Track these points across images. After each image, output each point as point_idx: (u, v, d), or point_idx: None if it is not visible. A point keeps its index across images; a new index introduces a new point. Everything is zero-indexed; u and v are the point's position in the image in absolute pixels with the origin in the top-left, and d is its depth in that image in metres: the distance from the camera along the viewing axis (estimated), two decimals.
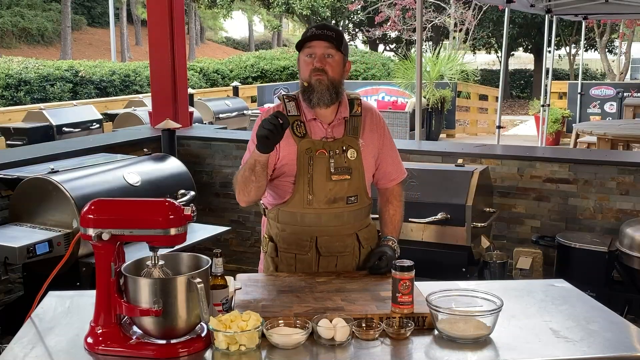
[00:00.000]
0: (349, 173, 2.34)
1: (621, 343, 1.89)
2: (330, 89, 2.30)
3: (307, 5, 22.19)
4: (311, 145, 2.32)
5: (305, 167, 2.31)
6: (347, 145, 2.35)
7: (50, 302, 2.15)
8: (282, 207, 2.39)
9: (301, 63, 2.34)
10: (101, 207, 1.81)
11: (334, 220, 2.37)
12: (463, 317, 1.89)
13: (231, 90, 11.56)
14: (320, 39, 2.28)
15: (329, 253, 2.39)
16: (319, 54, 2.28)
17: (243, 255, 5.23)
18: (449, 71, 12.62)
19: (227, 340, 1.75)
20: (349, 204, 2.37)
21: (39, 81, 12.31)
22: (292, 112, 2.35)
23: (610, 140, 7.59)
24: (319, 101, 2.30)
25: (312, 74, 2.29)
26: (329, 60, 2.29)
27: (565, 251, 3.91)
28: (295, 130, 2.33)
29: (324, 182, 2.32)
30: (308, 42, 2.30)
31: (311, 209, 2.34)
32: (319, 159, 2.32)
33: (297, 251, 2.39)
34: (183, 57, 5.46)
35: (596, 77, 22.42)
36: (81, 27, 31.06)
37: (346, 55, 2.36)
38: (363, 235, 2.45)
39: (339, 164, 2.33)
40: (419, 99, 6.41)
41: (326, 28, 2.31)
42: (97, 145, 4.69)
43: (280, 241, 2.42)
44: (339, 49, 2.30)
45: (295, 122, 2.34)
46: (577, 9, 9.17)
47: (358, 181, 2.37)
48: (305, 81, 2.31)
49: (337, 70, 2.31)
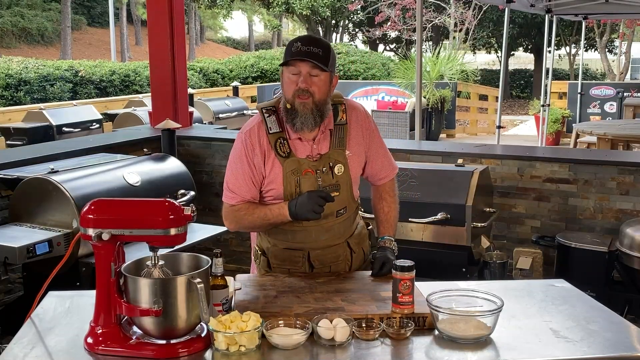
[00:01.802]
0: (337, 189, 2.28)
1: (621, 343, 1.89)
2: (315, 113, 2.17)
3: (307, 5, 22.19)
4: (296, 165, 2.24)
5: (293, 188, 2.24)
6: (334, 160, 2.27)
7: (50, 302, 2.15)
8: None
9: (285, 80, 2.20)
10: (101, 207, 1.81)
11: (324, 234, 2.34)
12: (463, 317, 1.89)
13: (231, 90, 11.55)
14: (306, 58, 2.13)
15: (322, 265, 2.37)
16: (304, 73, 2.15)
17: (243, 255, 5.22)
18: (449, 71, 12.62)
19: (227, 340, 1.75)
20: (338, 217, 2.33)
21: (39, 81, 12.30)
22: (274, 129, 2.24)
23: (610, 140, 7.59)
24: (302, 126, 2.18)
25: (296, 96, 2.15)
26: (315, 80, 2.16)
27: (565, 251, 3.91)
28: (278, 149, 2.24)
29: None
30: (292, 60, 2.15)
31: (301, 227, 2.30)
32: (306, 179, 2.24)
33: (291, 266, 2.36)
34: (183, 57, 5.46)
35: (596, 77, 22.42)
36: (81, 27, 31.06)
37: (333, 71, 2.23)
38: (353, 241, 2.43)
39: (327, 182, 2.26)
40: (419, 99, 6.41)
41: (312, 44, 2.15)
42: (97, 145, 4.69)
43: (272, 257, 2.39)
44: (325, 67, 2.16)
45: (278, 139, 2.24)
46: (577, 9, 9.16)
47: (346, 194, 2.32)
48: (288, 102, 2.18)
49: (323, 90, 2.18)
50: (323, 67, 2.15)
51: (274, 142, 2.24)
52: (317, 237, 2.33)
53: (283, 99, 2.23)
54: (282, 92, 2.23)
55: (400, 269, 1.95)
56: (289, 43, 2.21)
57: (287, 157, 2.24)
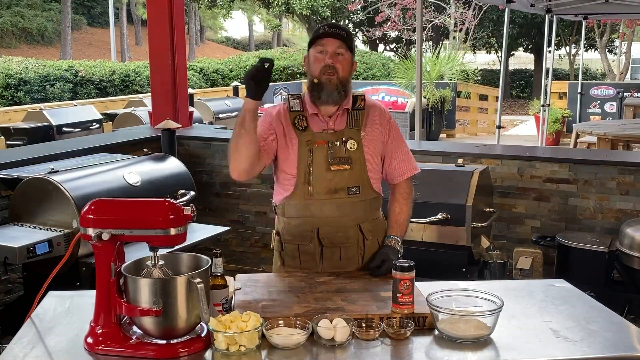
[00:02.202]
0: (349, 163, 2.38)
1: (621, 343, 1.89)
2: (339, 88, 2.36)
3: (307, 5, 22.19)
4: (311, 137, 2.40)
5: (305, 158, 2.38)
6: (347, 136, 2.40)
7: (50, 302, 2.15)
8: (287, 201, 2.44)
9: (312, 59, 2.39)
10: (101, 207, 1.81)
11: (335, 211, 2.40)
12: (463, 317, 1.89)
13: (231, 90, 11.55)
14: (332, 37, 2.34)
15: (331, 244, 2.42)
16: (330, 51, 2.34)
17: (243, 255, 5.23)
18: (449, 71, 12.62)
19: (227, 340, 1.75)
20: (350, 195, 2.40)
21: (39, 81, 12.30)
22: (295, 108, 2.43)
23: (610, 140, 7.59)
24: (327, 99, 2.37)
25: (322, 72, 2.34)
26: (340, 59, 2.35)
27: (565, 251, 3.91)
28: (296, 124, 2.41)
29: (323, 173, 2.38)
30: (320, 39, 2.36)
31: (312, 200, 2.39)
32: (318, 150, 2.38)
33: (300, 242, 2.43)
34: (183, 57, 5.46)
35: (596, 77, 22.42)
36: (81, 27, 31.07)
37: (354, 55, 2.44)
38: (366, 227, 2.46)
39: (338, 154, 2.38)
40: (419, 99, 6.41)
41: (338, 27, 2.39)
42: (97, 145, 4.69)
43: (285, 234, 2.47)
44: (349, 48, 2.38)
45: (297, 116, 2.42)
46: (577, 9, 9.16)
47: (359, 172, 2.40)
48: (315, 78, 2.37)
49: (346, 69, 2.38)
50: (347, 45, 2.36)
51: (293, 118, 2.43)
52: (328, 212, 2.39)
53: (310, 79, 2.40)
54: (309, 71, 2.41)
55: (400, 269, 1.96)
56: (316, 28, 2.44)
57: (303, 130, 2.41)
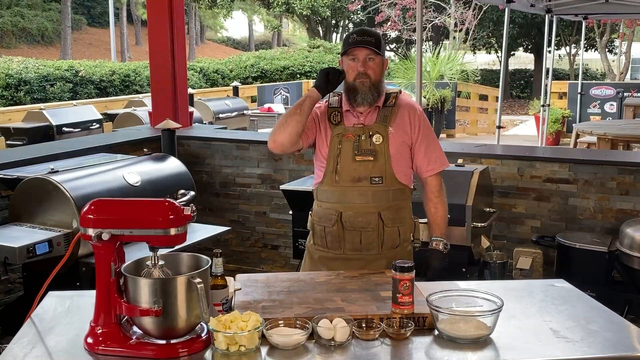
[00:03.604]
0: (373, 155, 2.57)
1: (621, 343, 1.89)
2: (372, 90, 2.58)
3: (307, 5, 22.20)
4: (342, 130, 2.62)
5: (335, 149, 2.60)
6: (374, 131, 2.60)
7: (50, 302, 2.15)
8: (320, 186, 2.67)
9: (345, 66, 2.61)
10: (101, 207, 1.81)
11: (358, 198, 2.59)
12: (463, 317, 1.89)
13: (231, 90, 11.54)
14: (361, 45, 2.54)
15: (352, 228, 2.59)
16: (362, 59, 2.55)
17: (243, 255, 5.23)
18: (449, 71, 12.62)
19: (227, 340, 1.75)
20: (372, 184, 2.58)
21: (39, 81, 12.30)
22: (333, 104, 2.68)
23: (610, 140, 7.59)
24: (362, 101, 2.58)
25: (356, 78, 2.56)
26: (370, 64, 2.56)
27: (565, 251, 3.91)
28: (332, 119, 2.65)
29: (349, 162, 2.58)
30: (351, 49, 2.56)
31: (338, 187, 2.60)
32: (347, 142, 2.59)
33: (326, 223, 2.64)
34: (183, 57, 5.46)
35: (596, 77, 22.40)
36: (81, 27, 31.08)
37: (384, 55, 2.62)
38: (387, 215, 2.60)
39: (364, 146, 2.58)
40: (419, 99, 6.41)
41: (366, 34, 2.58)
42: (97, 145, 4.69)
43: (314, 215, 2.72)
44: (379, 52, 2.55)
45: (333, 112, 2.66)
46: (577, 9, 9.16)
47: (383, 164, 2.58)
48: (350, 83, 2.58)
49: (378, 72, 2.59)
50: (377, 51, 2.55)
51: (330, 113, 2.67)
52: (351, 199, 2.59)
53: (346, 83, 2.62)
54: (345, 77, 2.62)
55: (400, 269, 1.96)
56: (346, 36, 2.64)
57: (337, 124, 2.64)
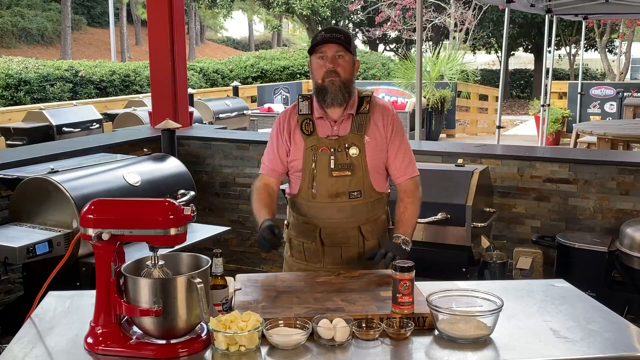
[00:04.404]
0: (350, 169, 2.46)
1: (621, 343, 1.89)
2: (343, 89, 2.44)
3: (307, 5, 22.18)
4: (316, 142, 2.48)
5: (310, 163, 2.48)
6: (350, 142, 2.47)
7: (50, 302, 2.15)
8: (294, 198, 2.58)
9: (314, 65, 2.48)
10: (101, 207, 1.81)
11: (336, 214, 2.49)
12: (463, 317, 1.89)
13: (231, 90, 11.55)
14: (330, 42, 2.42)
15: (332, 244, 2.52)
16: (330, 56, 2.43)
17: (243, 255, 5.23)
18: (449, 71, 12.61)
19: (227, 340, 1.75)
20: (351, 199, 2.49)
21: (39, 81, 12.30)
22: (304, 111, 2.54)
23: (610, 140, 7.59)
24: (332, 101, 2.45)
25: (325, 76, 2.43)
26: (340, 61, 2.43)
27: (565, 251, 3.91)
28: (303, 128, 2.51)
29: (326, 178, 2.47)
30: (319, 46, 2.43)
31: (315, 202, 2.50)
32: (322, 155, 2.47)
33: (304, 239, 2.56)
34: (183, 57, 5.46)
35: (596, 77, 22.40)
36: (81, 27, 31.06)
37: (355, 55, 2.50)
38: (367, 228, 2.54)
39: (340, 160, 2.46)
40: (419, 99, 6.41)
41: (335, 31, 2.46)
42: (97, 145, 4.69)
43: (291, 229, 2.63)
44: (349, 49, 2.44)
45: (305, 120, 2.52)
46: (577, 9, 9.16)
47: (361, 177, 2.48)
48: (319, 82, 2.46)
49: (348, 70, 2.45)
50: (347, 47, 2.43)
51: (301, 121, 2.53)
52: (329, 215, 2.50)
53: (314, 84, 2.50)
54: (313, 77, 2.51)
55: (400, 269, 1.95)
56: (315, 35, 2.52)
57: (309, 135, 2.50)
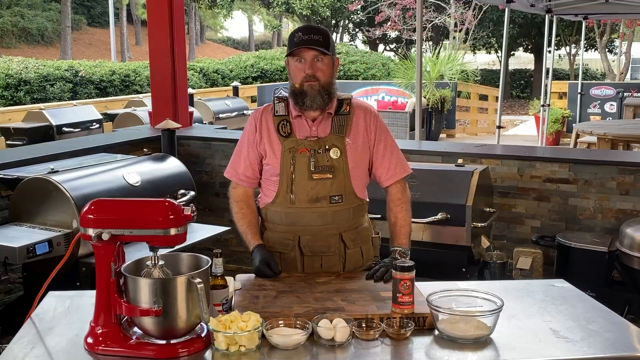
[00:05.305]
0: (331, 172, 2.34)
1: (621, 343, 1.89)
2: (322, 93, 2.32)
3: (307, 5, 22.20)
4: (294, 144, 2.36)
5: (288, 166, 2.35)
6: (331, 144, 2.36)
7: (50, 302, 2.15)
8: (270, 207, 2.43)
9: (292, 68, 2.36)
10: (101, 207, 1.81)
11: (317, 220, 2.37)
12: (463, 317, 1.89)
13: (231, 90, 11.54)
14: (308, 45, 2.29)
15: (312, 253, 2.40)
16: (308, 60, 2.31)
17: (243, 255, 5.22)
18: (449, 71, 12.61)
19: (227, 340, 1.75)
20: (332, 204, 2.37)
21: (39, 81, 12.29)
22: (280, 112, 2.40)
23: (610, 140, 7.59)
24: (312, 104, 2.33)
25: (304, 80, 2.31)
26: (319, 65, 2.32)
27: (565, 251, 3.91)
28: (280, 130, 2.38)
29: (305, 181, 2.34)
30: (297, 50, 2.31)
31: (294, 208, 2.37)
32: (301, 158, 2.34)
33: (282, 250, 2.42)
34: (183, 57, 5.46)
35: (596, 77, 22.40)
36: (81, 27, 31.06)
37: (334, 54, 2.38)
38: (349, 236, 2.43)
39: (321, 162, 2.34)
40: (419, 99, 6.41)
41: (312, 32, 2.33)
42: (97, 145, 4.69)
43: (266, 240, 2.45)
44: (327, 51, 2.32)
45: (281, 122, 2.39)
46: (577, 9, 9.16)
47: (342, 181, 2.36)
48: (297, 85, 2.34)
49: (327, 73, 2.34)
50: (325, 51, 2.30)
51: (277, 122, 2.39)
52: (309, 221, 2.37)
53: (292, 85, 2.37)
54: (290, 78, 2.38)
55: (400, 269, 1.95)
56: (291, 34, 2.37)
57: (287, 137, 2.37)
